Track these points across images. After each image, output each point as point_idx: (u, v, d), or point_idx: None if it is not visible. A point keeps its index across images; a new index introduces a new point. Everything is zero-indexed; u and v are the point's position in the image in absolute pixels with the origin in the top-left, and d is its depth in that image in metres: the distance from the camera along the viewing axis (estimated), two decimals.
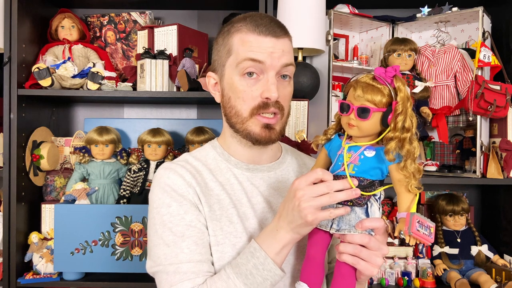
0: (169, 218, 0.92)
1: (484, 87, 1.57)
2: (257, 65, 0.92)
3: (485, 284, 1.58)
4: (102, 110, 2.04)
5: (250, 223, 0.96)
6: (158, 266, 0.92)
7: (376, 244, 0.83)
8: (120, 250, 1.59)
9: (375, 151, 0.82)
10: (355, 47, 1.93)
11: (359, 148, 0.83)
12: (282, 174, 1.05)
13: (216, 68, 1.00)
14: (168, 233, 0.92)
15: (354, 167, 0.82)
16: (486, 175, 1.64)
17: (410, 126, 0.80)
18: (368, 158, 0.82)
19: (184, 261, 0.89)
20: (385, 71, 0.82)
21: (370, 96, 0.81)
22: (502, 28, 1.80)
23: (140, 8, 1.95)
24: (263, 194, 1.00)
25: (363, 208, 0.84)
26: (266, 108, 0.94)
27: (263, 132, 0.95)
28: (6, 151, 1.65)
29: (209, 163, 1.01)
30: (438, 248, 1.73)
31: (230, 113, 0.97)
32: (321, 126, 1.73)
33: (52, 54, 1.77)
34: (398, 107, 0.80)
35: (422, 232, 0.77)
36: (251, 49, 0.92)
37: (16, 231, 1.66)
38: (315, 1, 1.64)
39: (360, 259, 0.82)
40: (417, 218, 0.77)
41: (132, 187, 1.75)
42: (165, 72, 1.70)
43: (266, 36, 0.93)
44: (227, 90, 0.97)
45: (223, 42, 0.98)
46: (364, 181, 0.82)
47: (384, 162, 0.81)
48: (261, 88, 0.93)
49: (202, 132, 1.81)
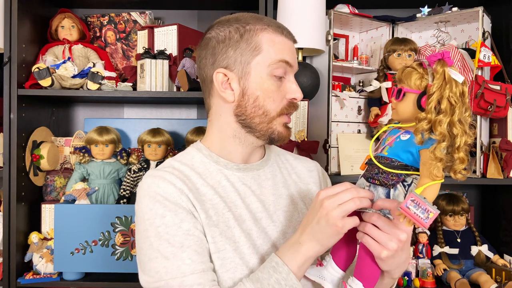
0: (165, 229, 0.87)
1: (484, 87, 1.57)
2: (287, 67, 0.96)
3: (485, 284, 1.58)
4: (102, 110, 2.04)
5: (247, 225, 0.95)
6: (159, 282, 0.86)
7: (386, 225, 0.81)
8: (120, 250, 1.59)
9: (410, 135, 0.83)
10: (355, 47, 1.93)
11: (398, 131, 0.86)
12: (270, 171, 1.04)
13: (230, 65, 0.95)
14: (166, 245, 0.87)
15: (388, 149, 0.86)
16: (486, 175, 1.64)
17: (448, 109, 0.78)
18: (402, 141, 0.84)
19: (187, 273, 0.85)
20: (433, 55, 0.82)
21: (408, 78, 0.83)
22: (502, 28, 1.80)
23: (140, 8, 1.95)
24: (255, 193, 0.99)
25: (385, 190, 0.84)
26: (292, 108, 0.98)
27: (285, 131, 0.98)
28: (6, 151, 1.65)
29: (196, 167, 0.98)
30: (438, 248, 1.73)
31: (253, 112, 0.95)
32: (321, 126, 1.73)
33: (52, 54, 1.77)
34: (432, 88, 0.80)
35: (414, 212, 0.74)
36: (283, 51, 0.95)
37: (16, 231, 1.65)
38: (315, 1, 1.64)
39: (369, 238, 0.82)
40: (412, 197, 0.75)
41: (132, 187, 1.75)
42: (165, 72, 1.70)
43: (290, 39, 0.98)
44: (253, 89, 0.95)
45: (241, 39, 0.94)
46: (395, 162, 0.83)
47: (416, 147, 0.81)
48: (287, 89, 0.96)
49: (202, 132, 1.81)
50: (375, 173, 0.86)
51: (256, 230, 0.95)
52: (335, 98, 1.74)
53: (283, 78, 0.97)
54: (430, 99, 0.79)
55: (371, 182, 0.86)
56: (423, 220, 0.74)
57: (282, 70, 0.95)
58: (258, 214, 0.97)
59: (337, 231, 0.81)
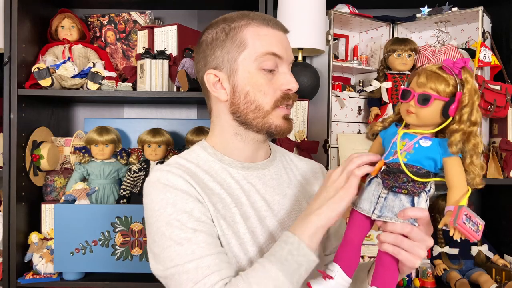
0: (176, 217, 0.87)
1: (484, 87, 1.57)
2: (276, 59, 0.94)
3: (485, 284, 1.58)
4: (102, 110, 2.04)
5: (251, 223, 0.95)
6: (174, 268, 0.85)
7: (419, 234, 0.80)
8: (120, 250, 1.59)
9: (432, 142, 0.80)
10: (355, 47, 1.93)
11: (414, 136, 0.82)
12: (275, 171, 1.04)
13: (219, 65, 0.96)
14: (178, 232, 0.86)
15: (406, 154, 0.81)
16: (486, 175, 1.64)
17: (477, 120, 0.78)
18: (423, 147, 0.80)
19: (203, 255, 0.84)
20: (454, 62, 0.80)
21: (434, 84, 0.79)
22: (502, 28, 1.80)
23: (140, 8, 1.95)
24: (259, 192, 0.99)
25: (409, 198, 0.82)
26: (288, 99, 0.95)
27: (285, 124, 0.96)
28: (6, 151, 1.65)
29: (201, 165, 0.98)
30: (438, 248, 1.73)
31: (246, 108, 0.95)
32: (321, 126, 1.73)
33: (52, 54, 1.77)
34: (464, 99, 0.78)
35: (468, 226, 0.74)
36: (269, 43, 0.93)
37: (16, 231, 1.65)
38: (315, 1, 1.64)
39: (401, 249, 0.80)
40: (465, 211, 0.75)
41: (132, 187, 1.75)
42: (165, 72, 1.70)
43: (279, 30, 0.96)
44: (242, 85, 0.94)
45: (227, 38, 0.95)
46: (422, 170, 0.80)
47: (439, 154, 0.80)
48: (280, 80, 0.94)
49: (202, 132, 1.81)
50: (403, 182, 0.81)
51: (260, 228, 0.95)
52: (335, 98, 1.74)
53: (275, 71, 0.95)
54: (464, 110, 0.78)
55: (396, 191, 0.82)
56: (476, 233, 0.75)
57: (272, 62, 0.93)
58: (263, 212, 0.97)
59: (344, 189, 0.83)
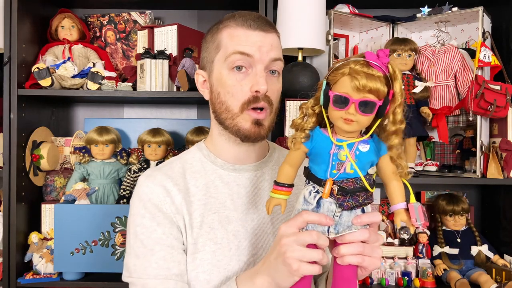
0: (141, 230, 0.93)
1: (484, 87, 1.57)
2: (246, 58, 0.91)
3: (485, 284, 1.58)
4: (102, 110, 2.04)
5: (233, 227, 0.95)
6: (130, 278, 0.94)
7: (374, 235, 0.78)
8: (120, 250, 1.59)
9: (369, 145, 0.75)
10: (355, 47, 1.93)
11: (353, 144, 0.74)
12: (269, 173, 1.03)
13: (204, 66, 1.00)
14: (139, 245, 0.93)
15: (350, 165, 0.74)
16: (486, 175, 1.64)
17: (403, 117, 0.74)
18: (363, 153, 0.74)
19: (151, 276, 0.91)
20: (378, 56, 0.72)
21: (372, 86, 0.70)
22: (502, 28, 1.80)
23: (140, 8, 1.95)
24: (249, 194, 0.99)
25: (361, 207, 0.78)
26: (256, 102, 0.92)
27: (253, 128, 0.93)
28: (6, 151, 1.65)
29: (194, 165, 1.00)
30: (438, 248, 1.73)
31: (219, 109, 0.95)
32: None
33: (52, 54, 1.77)
34: (398, 97, 0.72)
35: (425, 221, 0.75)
36: (239, 43, 0.92)
37: (16, 231, 1.65)
38: (315, 1, 1.64)
39: (364, 256, 0.76)
40: (422, 208, 0.74)
41: (132, 187, 1.75)
42: (165, 72, 1.70)
43: (255, 30, 0.93)
44: (216, 85, 0.96)
45: (211, 39, 0.98)
46: (370, 177, 0.75)
47: (377, 156, 0.76)
48: (250, 82, 0.92)
49: (202, 132, 1.81)
50: (364, 199, 0.76)
51: (243, 231, 0.95)
52: None
53: (248, 71, 0.92)
54: (397, 110, 0.73)
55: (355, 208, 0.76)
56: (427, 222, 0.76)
57: (241, 62, 0.91)
58: (250, 215, 0.97)
59: (291, 273, 0.75)
